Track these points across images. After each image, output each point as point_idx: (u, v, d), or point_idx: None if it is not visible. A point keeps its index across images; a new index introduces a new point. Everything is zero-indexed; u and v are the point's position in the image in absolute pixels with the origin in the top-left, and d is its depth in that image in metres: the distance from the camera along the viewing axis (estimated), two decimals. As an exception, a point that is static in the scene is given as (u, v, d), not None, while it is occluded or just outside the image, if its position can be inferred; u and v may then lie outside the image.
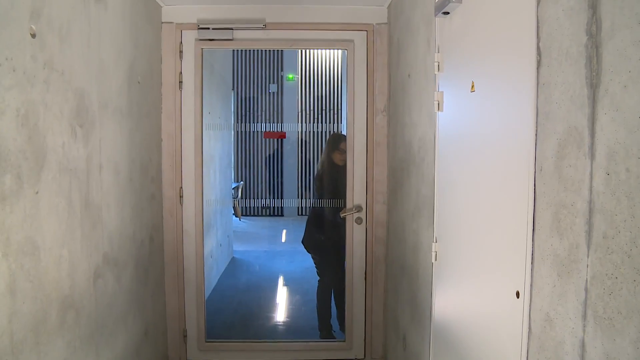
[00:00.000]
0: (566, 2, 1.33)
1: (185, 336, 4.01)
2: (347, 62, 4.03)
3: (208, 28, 3.84)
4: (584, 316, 1.24)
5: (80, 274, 2.38)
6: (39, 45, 2.01)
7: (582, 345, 1.25)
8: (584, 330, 1.24)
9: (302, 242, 4.67)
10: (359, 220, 4.12)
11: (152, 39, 3.64)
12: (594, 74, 1.20)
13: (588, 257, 1.23)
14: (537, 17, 1.50)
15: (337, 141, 4.51)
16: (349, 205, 4.12)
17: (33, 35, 1.96)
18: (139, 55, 3.30)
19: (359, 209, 4.11)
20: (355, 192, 4.10)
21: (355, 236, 4.16)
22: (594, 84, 1.20)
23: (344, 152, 4.22)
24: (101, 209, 2.65)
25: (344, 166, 4.19)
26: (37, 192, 1.99)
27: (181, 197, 3.92)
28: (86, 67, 2.48)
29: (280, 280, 6.33)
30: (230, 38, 3.81)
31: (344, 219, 4.15)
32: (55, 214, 2.15)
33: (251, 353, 4.17)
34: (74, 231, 2.32)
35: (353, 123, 4.08)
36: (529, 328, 1.55)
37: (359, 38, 3.97)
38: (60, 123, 2.20)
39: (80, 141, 2.40)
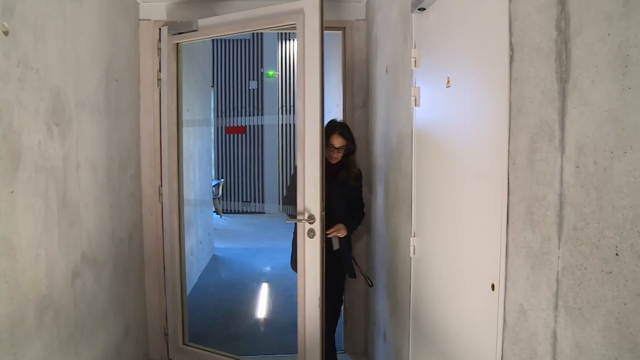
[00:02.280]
0: (537, -2, 1.35)
1: (166, 334, 3.99)
2: (297, 38, 3.24)
3: (176, 21, 3.80)
4: (556, 307, 1.26)
5: (58, 274, 2.36)
6: (12, 42, 1.99)
7: (554, 335, 1.27)
8: (555, 321, 1.27)
9: (291, 265, 3.57)
10: (310, 233, 3.23)
11: (130, 36, 3.61)
12: (563, 68, 1.23)
13: (559, 248, 1.25)
14: (510, 12, 1.52)
15: (328, 132, 3.36)
16: (299, 208, 3.27)
17: (5, 33, 1.94)
18: (116, 52, 3.27)
19: (311, 218, 3.22)
20: (307, 197, 3.23)
21: (307, 251, 3.27)
22: (563, 79, 1.22)
23: (337, 149, 3.36)
24: (79, 208, 2.63)
25: (342, 169, 3.42)
26: (12, 192, 1.97)
27: (161, 194, 3.90)
28: (62, 64, 2.45)
29: (261, 278, 6.34)
30: (196, 29, 3.69)
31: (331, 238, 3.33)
32: (32, 214, 2.13)
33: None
34: (51, 230, 2.30)
35: (303, 112, 3.20)
36: (504, 320, 1.58)
37: (310, 7, 3.17)
38: (36, 121, 2.18)
39: (57, 140, 2.38)
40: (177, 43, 3.78)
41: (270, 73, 10.86)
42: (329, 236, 3.34)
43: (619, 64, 1.01)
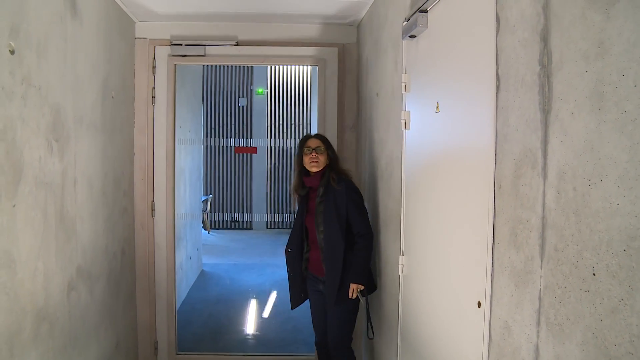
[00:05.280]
0: (521, 34, 1.45)
1: (156, 348, 4.02)
2: (319, 79, 4.05)
3: (181, 44, 3.90)
4: (538, 323, 1.34)
5: (54, 287, 2.41)
6: (17, 61, 2.05)
7: (537, 350, 1.35)
8: (537, 336, 1.34)
9: (292, 307, 3.41)
10: None
11: (126, 54, 3.68)
12: (546, 100, 1.32)
13: (541, 268, 1.33)
14: (497, 45, 1.61)
15: (303, 140, 3.27)
16: None
17: (12, 52, 2.01)
18: (112, 70, 3.34)
19: None
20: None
21: None
22: (546, 110, 1.31)
23: (314, 150, 3.15)
24: (75, 222, 2.68)
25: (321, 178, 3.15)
26: (14, 206, 2.03)
27: (153, 210, 3.95)
28: (62, 82, 2.52)
29: (250, 294, 6.36)
30: (203, 54, 3.87)
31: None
32: (31, 227, 2.18)
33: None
34: (49, 244, 2.35)
35: (324, 127, 4.07)
36: (490, 336, 1.65)
37: (331, 55, 4.02)
38: (37, 137, 2.24)
39: (56, 155, 2.44)
40: (175, 64, 3.88)
41: (260, 90, 10.95)
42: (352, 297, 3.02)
43: (595, 100, 1.10)
